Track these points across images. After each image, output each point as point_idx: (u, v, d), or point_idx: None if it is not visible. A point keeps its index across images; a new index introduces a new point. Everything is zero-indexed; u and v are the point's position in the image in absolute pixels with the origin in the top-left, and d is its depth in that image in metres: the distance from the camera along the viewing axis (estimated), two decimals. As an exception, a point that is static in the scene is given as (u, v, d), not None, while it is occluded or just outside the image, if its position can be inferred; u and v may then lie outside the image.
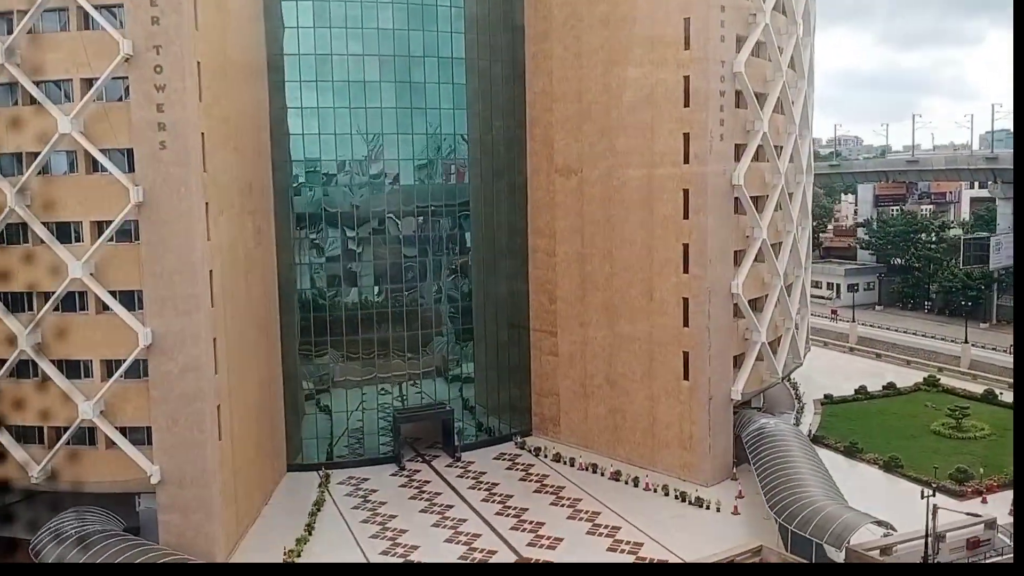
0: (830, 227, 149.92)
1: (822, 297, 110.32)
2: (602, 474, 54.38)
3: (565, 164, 58.72)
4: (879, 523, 41.68)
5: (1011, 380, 73.62)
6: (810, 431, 61.70)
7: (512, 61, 60.77)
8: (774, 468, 47.61)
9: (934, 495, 40.87)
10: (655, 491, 51.39)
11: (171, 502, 41.57)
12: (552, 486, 53.01)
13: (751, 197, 55.04)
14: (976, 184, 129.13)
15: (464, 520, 48.13)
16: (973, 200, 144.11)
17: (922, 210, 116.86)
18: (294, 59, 55.79)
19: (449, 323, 61.25)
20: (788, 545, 42.24)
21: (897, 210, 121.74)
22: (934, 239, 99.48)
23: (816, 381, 77.02)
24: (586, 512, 48.84)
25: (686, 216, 51.78)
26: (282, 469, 55.32)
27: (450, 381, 60.96)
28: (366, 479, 55.00)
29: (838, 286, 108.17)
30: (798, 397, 71.87)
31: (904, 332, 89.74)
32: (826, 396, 70.88)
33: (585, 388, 59.26)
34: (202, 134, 40.95)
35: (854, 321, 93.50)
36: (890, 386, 72.85)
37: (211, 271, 41.69)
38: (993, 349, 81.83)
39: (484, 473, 55.67)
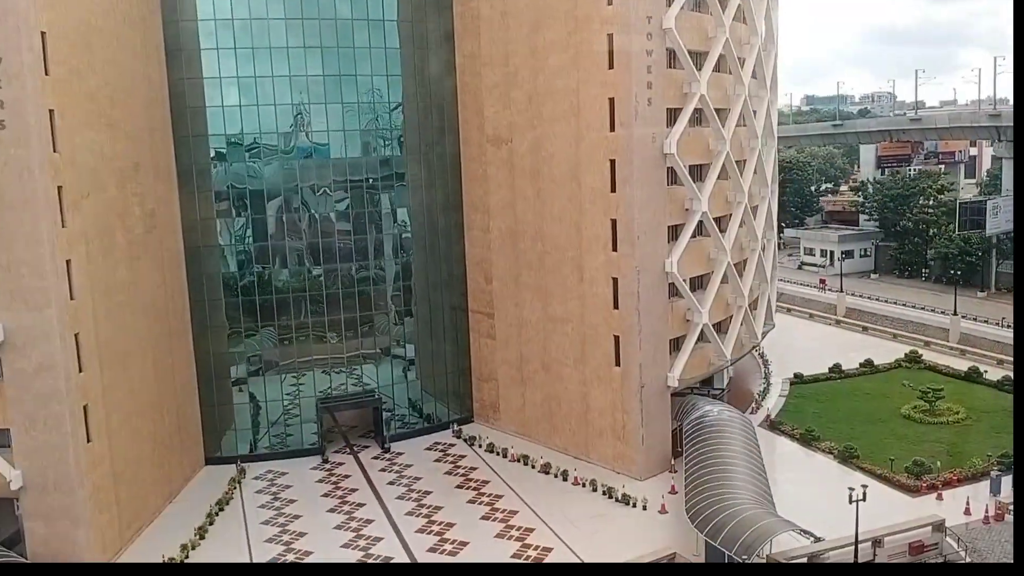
0: (844, 189, 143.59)
1: (815, 265, 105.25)
2: (533, 466, 50.80)
3: (495, 133, 54.47)
4: (803, 532, 37.71)
5: (1001, 356, 68.75)
6: (768, 415, 57.50)
7: (444, 22, 56.34)
8: (702, 464, 43.66)
9: (863, 498, 36.68)
10: (583, 485, 47.73)
11: (35, 509, 38.74)
12: (476, 481, 49.54)
13: (694, 166, 50.65)
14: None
15: (371, 521, 44.91)
16: (995, 159, 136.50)
17: (924, 171, 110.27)
18: (209, 25, 51.94)
19: (385, 304, 57.63)
20: (705, 551, 38.48)
21: (901, 171, 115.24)
22: (931, 203, 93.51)
23: (792, 357, 72.62)
24: (503, 511, 45.35)
25: (613, 189, 47.42)
26: (197, 463, 52.49)
27: (386, 366, 57.49)
28: (284, 473, 52.03)
29: (831, 253, 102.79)
30: (767, 376, 67.59)
31: (894, 303, 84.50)
32: (796, 375, 66.46)
33: (522, 373, 55.57)
34: (51, 111, 37.38)
35: (842, 291, 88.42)
36: (868, 363, 68.18)
37: (68, 261, 38.35)
38: (985, 322, 76.47)
39: (410, 466, 52.36)
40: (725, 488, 40.33)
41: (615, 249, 47.85)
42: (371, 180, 56.13)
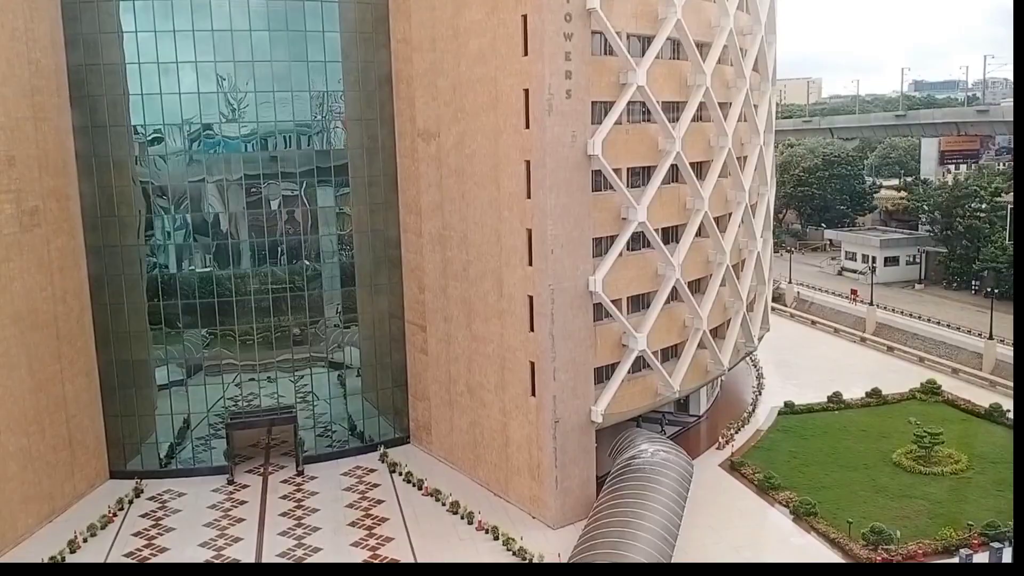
0: (886, 187, 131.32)
1: (855, 271, 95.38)
2: (443, 503, 45.25)
3: (425, 127, 48.80)
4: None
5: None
6: (731, 456, 50.25)
7: (379, 3, 50.88)
8: (604, 519, 37.42)
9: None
10: (486, 532, 41.91)
11: None
12: (374, 518, 44.32)
13: (638, 168, 43.96)
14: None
15: (237, 561, 40.34)
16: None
17: (985, 168, 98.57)
18: (128, 5, 48.02)
19: (319, 311, 52.85)
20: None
21: (964, 168, 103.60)
22: (983, 206, 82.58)
23: (796, 378, 65.43)
24: (382, 558, 40.06)
25: (529, 194, 41.19)
26: (96, 478, 49.01)
27: (318, 378, 52.84)
28: (183, 494, 48.02)
29: (873, 259, 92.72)
30: (754, 402, 60.07)
31: (927, 321, 74.68)
32: (786, 403, 58.70)
33: (450, 394, 50.00)
34: None
35: (872, 304, 79.12)
36: (875, 392, 59.73)
37: None
38: None
39: (315, 494, 47.56)
40: (616, 551, 33.99)
41: (531, 263, 41.68)
42: (307, 174, 51.34)
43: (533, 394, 42.61)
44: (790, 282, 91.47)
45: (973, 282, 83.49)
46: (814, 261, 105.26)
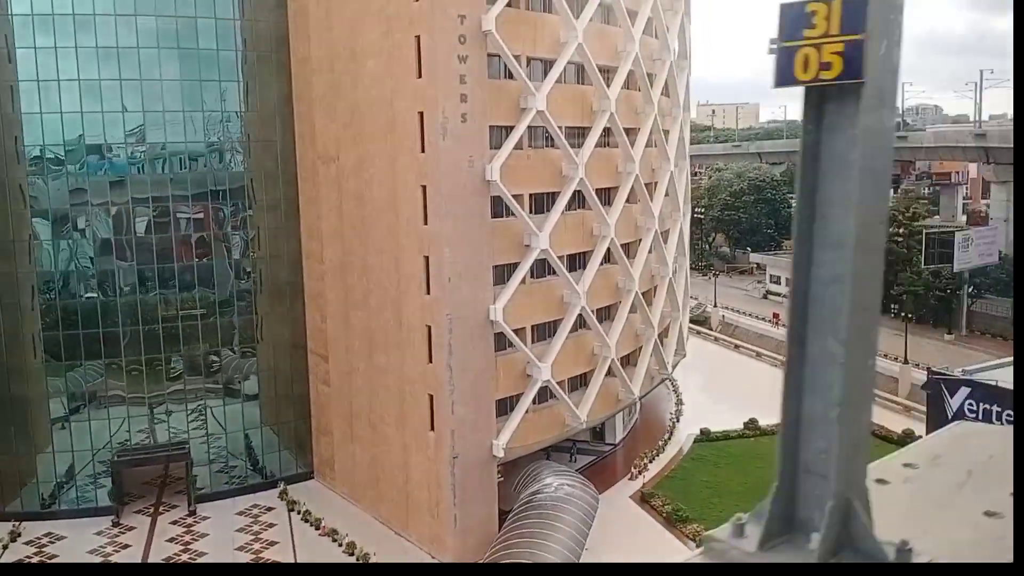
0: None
1: (780, 295, 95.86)
2: (340, 544, 43.11)
3: (325, 150, 47.11)
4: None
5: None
6: (642, 487, 49.15)
7: (280, 22, 49.22)
8: (499, 560, 35.70)
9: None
10: (382, 574, 40.02)
11: None
12: (265, 561, 42.01)
13: (541, 194, 42.88)
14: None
15: (111, 612, 37.73)
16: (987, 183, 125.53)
17: (910, 193, 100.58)
18: (25, 21, 45.49)
19: (222, 340, 50.48)
20: None
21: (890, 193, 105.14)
22: (901, 231, 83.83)
23: (716, 404, 64.47)
24: (269, 606, 37.89)
25: (426, 221, 39.73)
26: (-26, 521, 45.78)
27: (219, 411, 50.37)
28: (63, 538, 44.97)
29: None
30: (672, 428, 59.24)
31: (845, 344, 75.03)
32: (702, 430, 57.98)
33: (352, 428, 48.00)
34: None
35: (793, 329, 79.26)
36: (790, 419, 59.25)
37: None
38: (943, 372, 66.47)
39: (205, 536, 45.00)
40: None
41: (428, 292, 40.15)
42: (205, 197, 49.33)
43: (432, 428, 40.94)
44: (715, 306, 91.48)
45: (892, 306, 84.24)
46: (741, 284, 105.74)
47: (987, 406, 26.30)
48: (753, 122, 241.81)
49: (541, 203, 43.19)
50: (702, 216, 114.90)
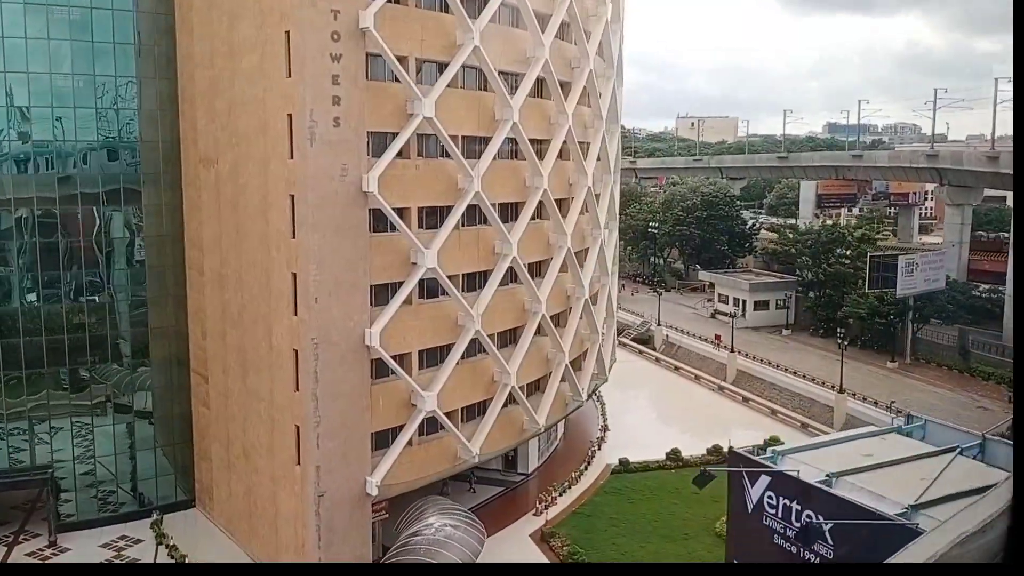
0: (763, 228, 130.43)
1: (727, 314, 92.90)
2: (199, 585, 39.31)
3: (205, 152, 43.43)
4: None
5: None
6: (545, 524, 45.66)
7: (168, 14, 45.51)
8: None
9: None
10: (237, 623, 36.12)
11: None
12: (112, 603, 38.09)
13: (433, 208, 39.41)
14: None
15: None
16: (987, 198, 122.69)
17: (866, 214, 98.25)
18: None
19: (98, 356, 46.47)
20: None
21: (838, 213, 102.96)
22: (848, 252, 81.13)
23: (639, 433, 61.32)
24: (101, 659, 33.89)
25: (294, 233, 36.10)
26: None
27: (90, 433, 46.32)
28: (-101, 571, 40.90)
29: (744, 303, 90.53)
30: (588, 459, 55.85)
31: (784, 371, 72.01)
32: (621, 461, 54.69)
33: (229, 455, 44.19)
34: None
35: (733, 351, 76.33)
36: (715, 450, 56.15)
37: None
38: (875, 403, 63.40)
39: (56, 571, 41.07)
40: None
41: (296, 312, 36.49)
42: (90, 200, 45.37)
43: (299, 462, 37.23)
44: (659, 324, 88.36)
45: (839, 330, 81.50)
46: (691, 302, 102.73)
47: (787, 502, 22.63)
48: (732, 136, 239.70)
49: (435, 217, 39.68)
50: (656, 231, 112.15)
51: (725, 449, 56.26)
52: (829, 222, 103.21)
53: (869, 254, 74.25)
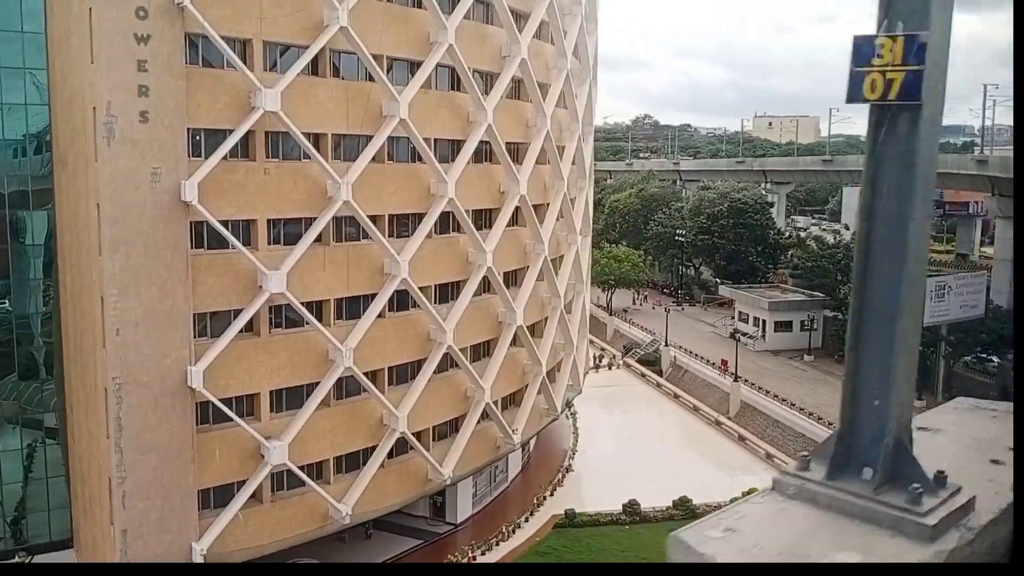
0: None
1: (747, 335, 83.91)
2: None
3: (59, 150, 37.81)
4: None
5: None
6: (443, 593, 38.78)
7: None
8: None
9: None
10: None
11: None
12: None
13: (293, 220, 33.05)
14: None
15: None
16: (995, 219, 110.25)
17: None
18: None
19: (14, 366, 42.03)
20: None
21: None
22: (877, 271, 70.87)
23: (604, 477, 53.97)
24: None
25: (100, 250, 30.08)
26: None
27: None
28: None
29: (763, 323, 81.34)
30: (532, 509, 48.58)
31: (791, 406, 62.90)
32: (567, 512, 47.33)
33: (83, 497, 38.56)
34: None
35: (737, 380, 67.61)
36: (683, 503, 48.23)
37: None
38: None
39: None
40: None
41: (104, 345, 30.47)
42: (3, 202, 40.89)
43: (112, 522, 31.23)
44: (666, 345, 79.95)
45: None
46: (714, 319, 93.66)
47: None
48: (813, 137, 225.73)
49: (294, 229, 33.25)
50: (683, 239, 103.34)
51: (699, 502, 48.61)
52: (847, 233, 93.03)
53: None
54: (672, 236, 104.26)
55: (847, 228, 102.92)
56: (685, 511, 47.83)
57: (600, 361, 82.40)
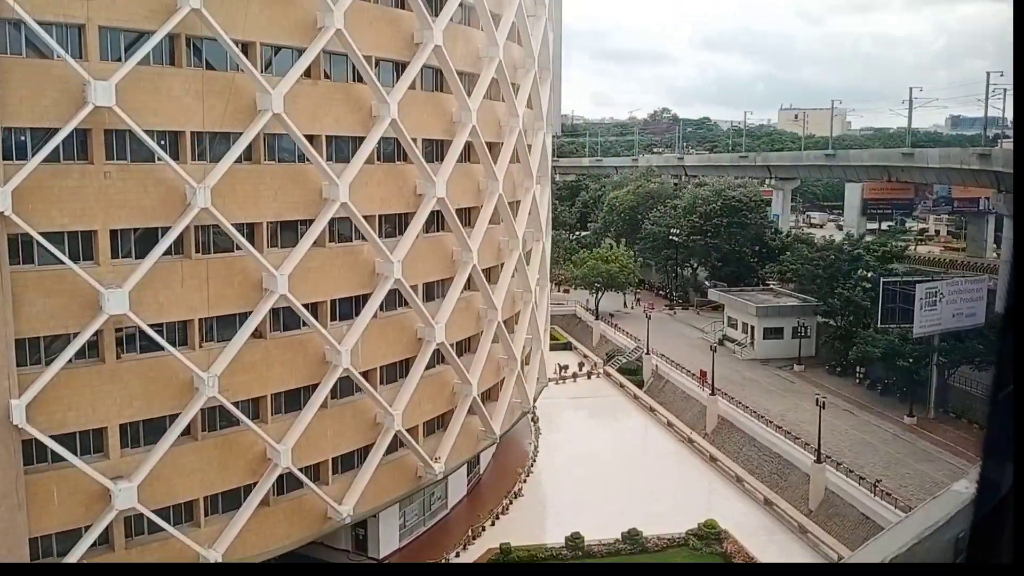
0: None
1: (736, 342, 79.12)
2: None
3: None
4: None
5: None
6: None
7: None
8: None
9: None
10: None
11: None
12: None
13: (152, 229, 29.20)
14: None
15: None
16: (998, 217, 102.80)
17: (908, 224, 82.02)
18: None
19: None
20: None
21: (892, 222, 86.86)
22: (870, 275, 65.65)
23: (553, 503, 50.10)
24: None
25: (-92, 266, 26.35)
26: None
27: None
28: None
29: (752, 329, 76.35)
30: (466, 542, 44.46)
31: (768, 424, 57.87)
32: (502, 546, 43.15)
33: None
34: None
35: (714, 394, 62.75)
36: (632, 535, 43.82)
37: None
38: (859, 480, 48.52)
39: None
40: None
41: (-84, 374, 26.74)
42: None
43: (-70, 573, 27.51)
44: (648, 353, 75.21)
45: (858, 369, 66.78)
46: (705, 324, 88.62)
47: None
48: (841, 130, 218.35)
49: (147, 241, 29.36)
50: (677, 239, 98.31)
51: (649, 534, 44.25)
52: (839, 234, 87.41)
53: (882, 279, 59.45)
54: (667, 235, 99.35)
55: (839, 228, 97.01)
56: (633, 545, 43.50)
57: (580, 369, 78.09)
